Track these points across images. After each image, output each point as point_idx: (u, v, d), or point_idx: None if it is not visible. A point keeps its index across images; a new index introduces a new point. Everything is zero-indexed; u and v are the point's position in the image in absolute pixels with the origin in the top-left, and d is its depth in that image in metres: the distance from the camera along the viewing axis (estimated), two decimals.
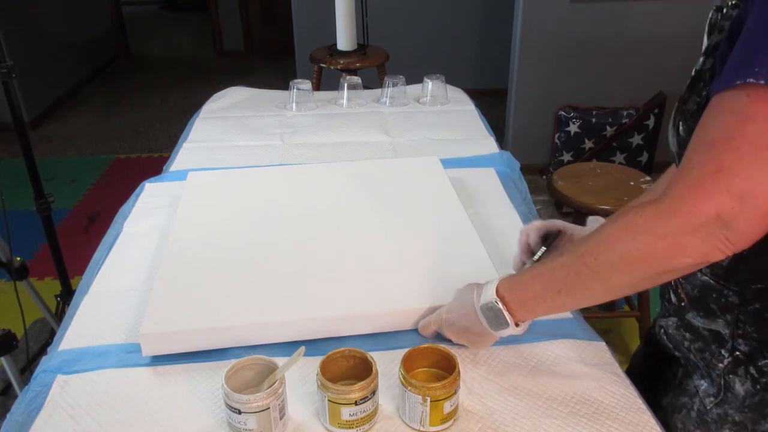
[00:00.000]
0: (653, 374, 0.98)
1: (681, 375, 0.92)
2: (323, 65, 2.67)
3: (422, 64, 3.82)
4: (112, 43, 5.60)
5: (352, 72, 2.57)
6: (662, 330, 0.93)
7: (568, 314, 1.02)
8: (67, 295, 2.07)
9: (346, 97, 1.91)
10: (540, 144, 3.38)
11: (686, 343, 0.88)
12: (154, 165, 1.72)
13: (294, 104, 1.86)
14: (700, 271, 0.83)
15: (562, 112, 3.19)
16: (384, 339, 0.96)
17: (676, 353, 0.92)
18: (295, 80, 1.88)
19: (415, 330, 0.98)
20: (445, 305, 0.94)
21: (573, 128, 3.19)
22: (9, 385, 1.96)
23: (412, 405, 0.80)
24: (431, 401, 0.78)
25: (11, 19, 3.97)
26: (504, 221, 1.28)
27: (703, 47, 0.80)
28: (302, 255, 1.10)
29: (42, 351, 2.12)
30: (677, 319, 0.89)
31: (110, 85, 5.07)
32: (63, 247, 2.05)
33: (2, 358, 1.73)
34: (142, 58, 5.77)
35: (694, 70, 0.78)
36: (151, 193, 1.41)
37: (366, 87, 2.00)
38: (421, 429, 0.81)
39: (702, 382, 0.87)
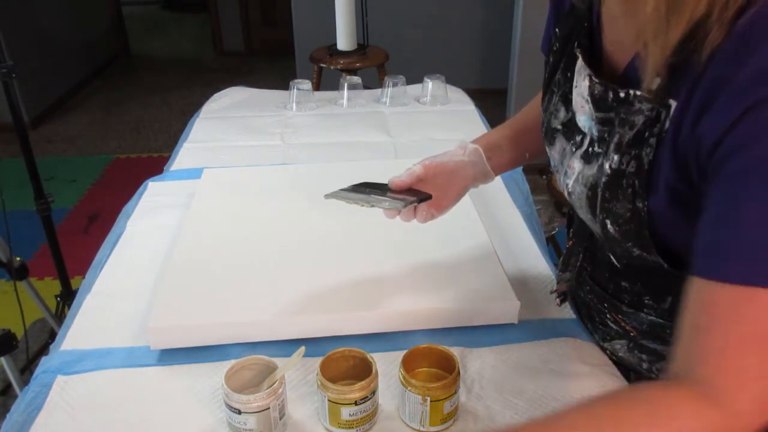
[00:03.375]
0: None
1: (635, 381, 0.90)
2: (323, 65, 2.67)
3: (422, 64, 3.82)
4: (112, 43, 5.60)
5: (352, 72, 2.57)
6: (608, 352, 0.92)
7: (569, 314, 1.02)
8: (67, 295, 2.07)
9: (346, 97, 1.91)
10: None
11: (645, 365, 0.86)
12: (154, 165, 1.72)
13: (294, 104, 1.86)
14: (645, 311, 0.82)
15: None
16: (384, 339, 0.96)
17: (632, 373, 0.90)
18: (295, 80, 1.88)
19: (416, 330, 0.98)
20: None
21: None
22: (9, 385, 1.96)
23: (412, 405, 0.80)
24: (431, 401, 0.78)
25: (11, 19, 3.97)
26: (506, 222, 1.28)
27: (585, 114, 0.75)
28: (308, 253, 1.10)
29: (42, 351, 2.12)
30: (627, 342, 0.87)
31: (110, 85, 5.07)
32: (63, 247, 2.05)
33: (2, 358, 1.73)
34: (142, 58, 5.76)
35: (608, 167, 0.72)
36: (154, 192, 1.41)
37: (366, 87, 1.99)
38: (421, 429, 0.81)
39: None
